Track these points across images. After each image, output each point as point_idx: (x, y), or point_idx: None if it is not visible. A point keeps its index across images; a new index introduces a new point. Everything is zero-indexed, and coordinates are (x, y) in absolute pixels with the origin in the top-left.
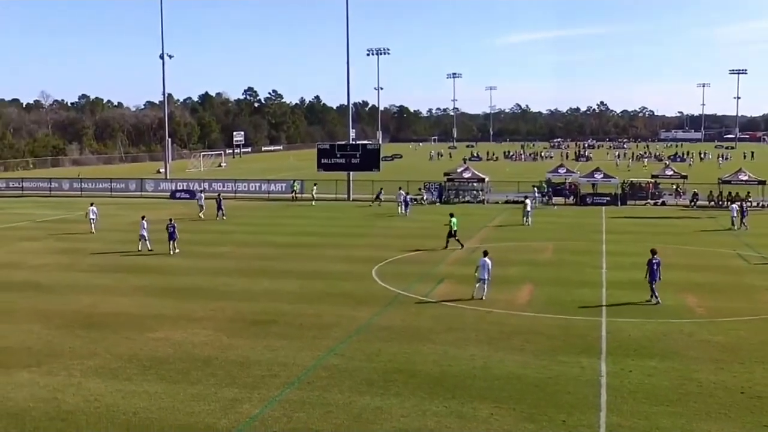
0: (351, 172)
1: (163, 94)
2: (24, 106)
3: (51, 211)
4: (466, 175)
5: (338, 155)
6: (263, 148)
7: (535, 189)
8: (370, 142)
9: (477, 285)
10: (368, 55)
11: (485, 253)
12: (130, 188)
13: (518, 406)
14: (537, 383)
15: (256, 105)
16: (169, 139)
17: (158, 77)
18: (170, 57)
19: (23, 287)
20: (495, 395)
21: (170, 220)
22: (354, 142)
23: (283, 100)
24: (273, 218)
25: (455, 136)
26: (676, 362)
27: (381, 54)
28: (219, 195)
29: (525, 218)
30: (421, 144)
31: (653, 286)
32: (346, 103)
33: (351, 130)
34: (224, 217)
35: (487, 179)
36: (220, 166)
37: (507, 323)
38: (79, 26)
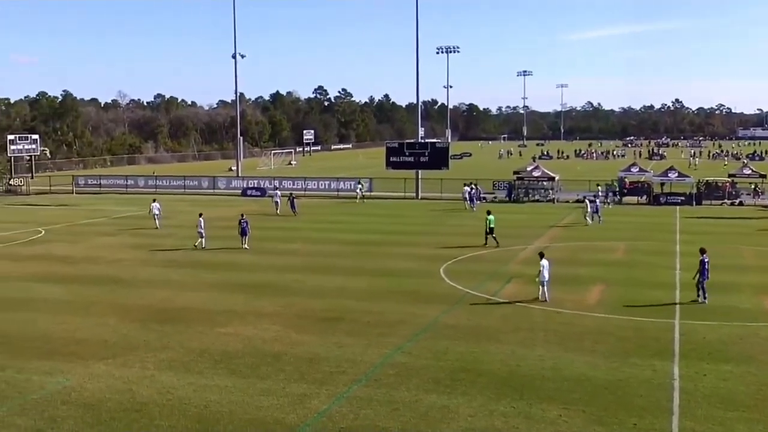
0: (420, 171)
1: (235, 93)
2: (102, 105)
3: (127, 208)
4: (536, 173)
5: (407, 153)
6: (333, 147)
7: (599, 189)
8: (438, 141)
9: (540, 289)
10: (438, 53)
11: (542, 255)
12: (202, 186)
13: (588, 409)
14: (607, 385)
15: (326, 104)
16: (241, 138)
17: (231, 77)
18: (242, 57)
19: (100, 281)
20: (564, 397)
21: (242, 215)
22: (423, 141)
23: (353, 99)
24: (341, 216)
25: (525, 134)
26: (752, 367)
27: (451, 52)
28: (291, 194)
29: (586, 218)
30: (490, 142)
31: (703, 285)
32: (415, 102)
33: (420, 128)
34: (296, 214)
35: (557, 178)
36: (290, 164)
37: (577, 324)
38: (154, 27)
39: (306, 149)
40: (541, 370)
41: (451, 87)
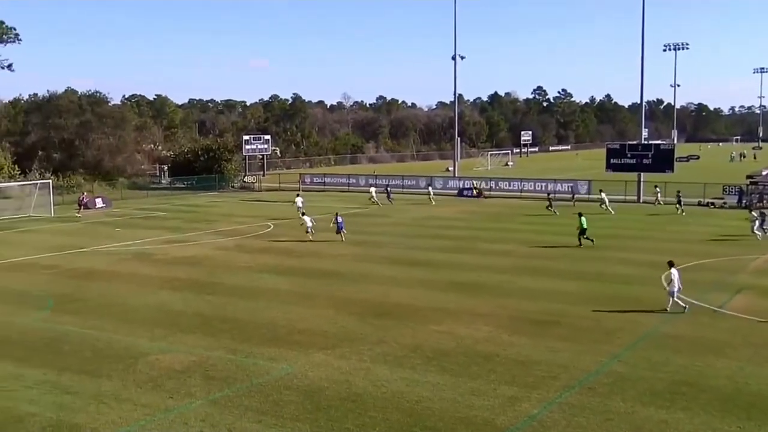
0: (642, 173)
1: (454, 95)
2: (328, 107)
3: (348, 205)
4: None
5: (629, 155)
6: (551, 148)
7: None
8: (663, 142)
9: (670, 298)
10: (665, 50)
11: (671, 264)
12: (420, 185)
13: None
14: None
15: (544, 104)
16: (459, 138)
17: (450, 78)
18: (462, 58)
19: (323, 275)
20: None
21: (336, 214)
22: (646, 142)
23: (573, 99)
24: (555, 218)
25: (761, 135)
26: None
27: (679, 49)
28: (387, 187)
29: (755, 231)
30: (720, 144)
31: None
32: (638, 101)
33: (643, 129)
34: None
35: None
36: (507, 165)
37: None
38: (377, 31)
39: (523, 150)
40: None
41: (678, 86)
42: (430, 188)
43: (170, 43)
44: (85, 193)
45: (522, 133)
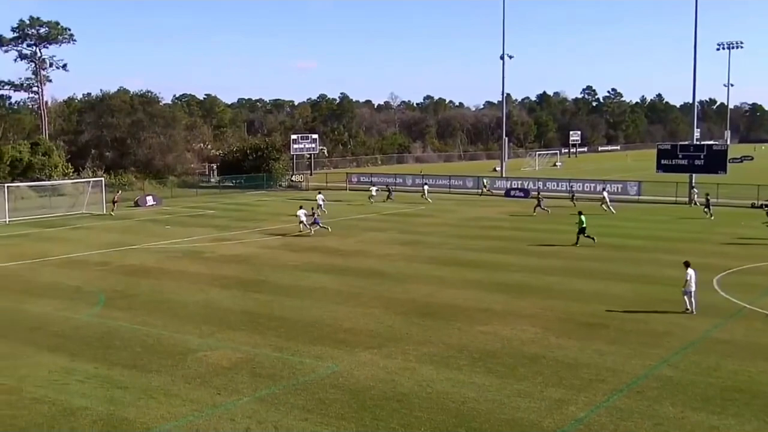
0: (693, 175)
1: (502, 94)
2: (375, 106)
3: (395, 205)
4: None
5: (680, 156)
6: (600, 148)
7: None
8: (716, 143)
9: (685, 298)
10: (718, 49)
11: (687, 265)
12: (467, 185)
13: None
14: None
15: (594, 104)
16: (506, 138)
17: (498, 78)
18: (510, 57)
19: (369, 274)
20: None
21: (312, 208)
22: (698, 143)
23: (623, 99)
24: (605, 219)
25: None
26: None
27: (733, 48)
28: (388, 186)
29: None
30: None
31: None
32: (690, 101)
33: (695, 129)
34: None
35: None
36: (555, 165)
37: None
38: (424, 30)
39: (572, 150)
40: None
41: (732, 85)
42: (425, 186)
43: (220, 45)
44: (119, 193)
45: (571, 133)
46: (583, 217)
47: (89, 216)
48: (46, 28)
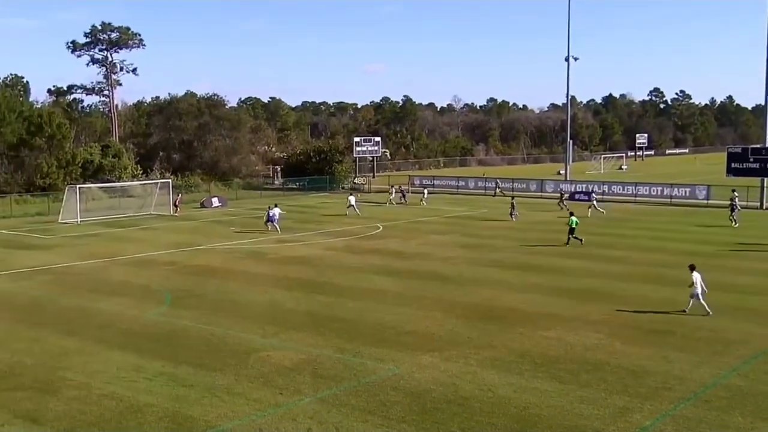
0: (766, 179)
1: (567, 96)
2: (438, 109)
3: (457, 208)
4: None
5: (751, 159)
6: (667, 151)
7: None
8: None
9: (692, 301)
10: None
11: (692, 268)
12: (530, 188)
13: None
14: None
15: (661, 106)
16: (571, 141)
17: (563, 80)
18: (575, 59)
19: (431, 277)
20: None
21: (269, 207)
22: None
23: (692, 101)
24: (673, 224)
25: None
26: None
27: None
28: (401, 186)
29: None
30: None
31: None
32: (763, 103)
33: None
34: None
35: None
36: (620, 168)
37: None
38: (488, 32)
39: (638, 153)
40: None
41: None
42: (425, 190)
43: (284, 49)
44: (180, 195)
45: (637, 136)
46: (573, 218)
47: (157, 217)
48: (117, 33)
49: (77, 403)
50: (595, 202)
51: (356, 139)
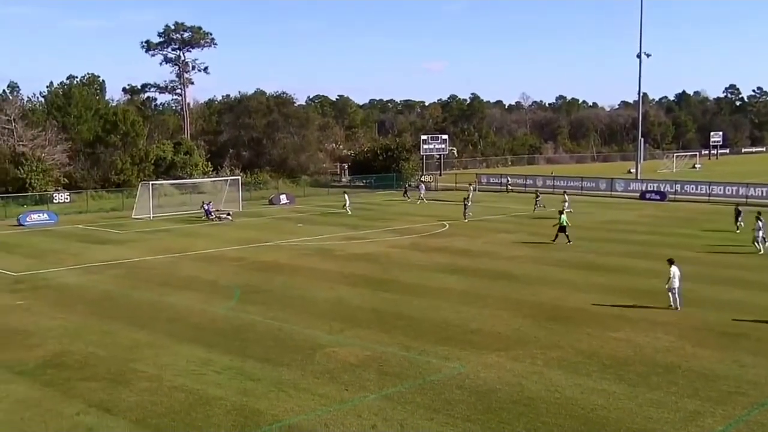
0: None
1: (638, 94)
2: (506, 107)
3: (525, 206)
4: None
5: None
6: (743, 150)
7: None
8: None
9: (670, 295)
10: None
11: (671, 262)
12: (600, 187)
13: None
14: None
15: (737, 103)
16: (642, 139)
17: (634, 77)
18: (648, 56)
19: (497, 275)
20: None
21: (203, 202)
22: None
23: None
24: (749, 225)
25: None
26: None
27: None
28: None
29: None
30: None
31: None
32: None
33: None
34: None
35: None
36: (694, 167)
37: None
38: (559, 29)
39: (712, 152)
40: None
41: None
42: (422, 185)
43: (353, 47)
44: (211, 202)
45: (711, 134)
46: (563, 217)
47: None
48: (190, 33)
49: (148, 394)
50: (566, 205)
51: (423, 136)
